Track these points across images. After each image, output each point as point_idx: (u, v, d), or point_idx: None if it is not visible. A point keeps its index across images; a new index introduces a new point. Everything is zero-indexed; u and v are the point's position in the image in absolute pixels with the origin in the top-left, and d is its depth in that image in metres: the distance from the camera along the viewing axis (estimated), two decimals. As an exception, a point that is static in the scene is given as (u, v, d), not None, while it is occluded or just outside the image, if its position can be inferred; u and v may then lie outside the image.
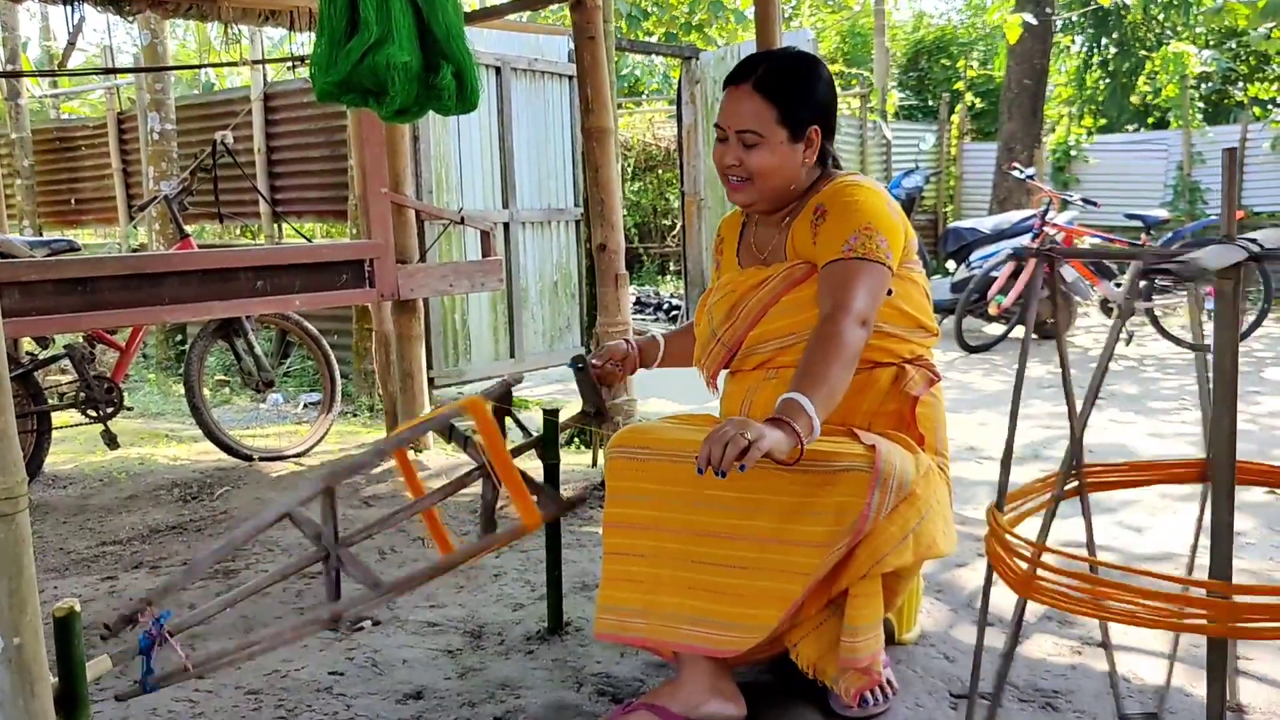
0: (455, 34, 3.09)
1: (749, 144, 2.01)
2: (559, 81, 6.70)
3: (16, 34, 8.81)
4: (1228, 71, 13.46)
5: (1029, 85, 10.88)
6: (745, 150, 2.01)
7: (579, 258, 6.80)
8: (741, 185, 2.05)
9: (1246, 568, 2.83)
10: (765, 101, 1.99)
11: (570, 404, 5.75)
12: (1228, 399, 1.29)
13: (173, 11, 4.30)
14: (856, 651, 1.84)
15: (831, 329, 1.82)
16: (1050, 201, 7.54)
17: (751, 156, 2.01)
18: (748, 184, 2.04)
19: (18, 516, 1.29)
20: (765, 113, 1.99)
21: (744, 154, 2.01)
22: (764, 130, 1.99)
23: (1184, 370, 6.45)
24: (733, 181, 2.06)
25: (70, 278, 3.35)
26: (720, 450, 1.60)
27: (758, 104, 1.99)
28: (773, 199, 2.06)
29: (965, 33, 16.16)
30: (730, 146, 2.03)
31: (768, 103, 1.99)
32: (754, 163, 2.01)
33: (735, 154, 2.02)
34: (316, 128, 6.95)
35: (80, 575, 3.05)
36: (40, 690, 1.33)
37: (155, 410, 6.13)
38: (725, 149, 2.05)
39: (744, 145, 2.01)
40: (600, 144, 3.58)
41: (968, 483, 3.84)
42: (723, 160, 2.05)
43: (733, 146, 2.03)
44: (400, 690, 2.14)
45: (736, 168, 2.03)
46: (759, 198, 2.06)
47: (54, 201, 9.46)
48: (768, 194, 2.05)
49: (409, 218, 4.29)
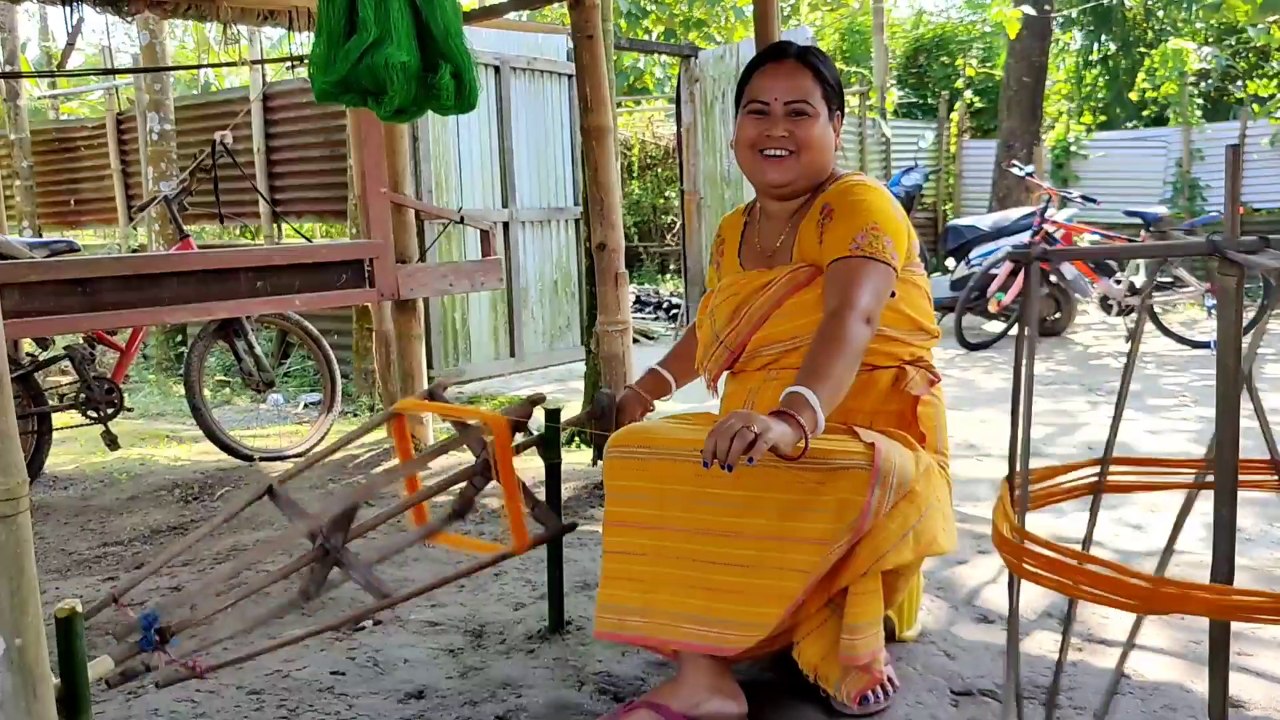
0: (454, 34, 3.09)
1: (799, 113, 2.01)
2: (558, 80, 6.70)
3: (15, 35, 8.80)
4: (1227, 68, 13.44)
5: (1028, 82, 10.87)
6: (794, 121, 2.01)
7: (579, 257, 6.80)
8: (784, 160, 2.03)
9: (1246, 565, 2.83)
10: (812, 75, 2.02)
11: (571, 403, 5.75)
12: (1230, 397, 1.29)
13: (171, 12, 4.30)
14: (856, 649, 1.85)
15: (837, 325, 1.83)
16: (1049, 199, 7.54)
17: (801, 127, 2.01)
18: (792, 158, 2.03)
19: (19, 518, 1.30)
20: (813, 85, 2.02)
21: (794, 125, 2.01)
22: (813, 101, 2.02)
23: (1184, 367, 6.45)
24: (776, 155, 2.03)
25: (70, 279, 3.35)
26: (726, 444, 1.59)
27: (806, 76, 2.02)
28: (810, 177, 2.06)
29: (964, 30, 16.14)
30: (775, 119, 2.02)
31: (814, 77, 2.02)
32: (803, 133, 2.01)
33: (785, 125, 2.01)
34: (316, 127, 6.95)
35: (82, 576, 3.05)
36: (42, 691, 1.33)
37: (156, 411, 6.13)
38: (769, 122, 2.02)
39: (792, 115, 2.01)
40: (599, 143, 3.58)
41: (968, 480, 3.84)
42: (769, 132, 2.02)
43: (780, 120, 2.02)
44: (402, 690, 2.15)
45: (785, 139, 2.02)
46: (800, 174, 2.05)
47: (53, 202, 9.46)
48: (808, 170, 2.05)
49: (408, 217, 4.30)
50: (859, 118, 12.03)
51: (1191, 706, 1.97)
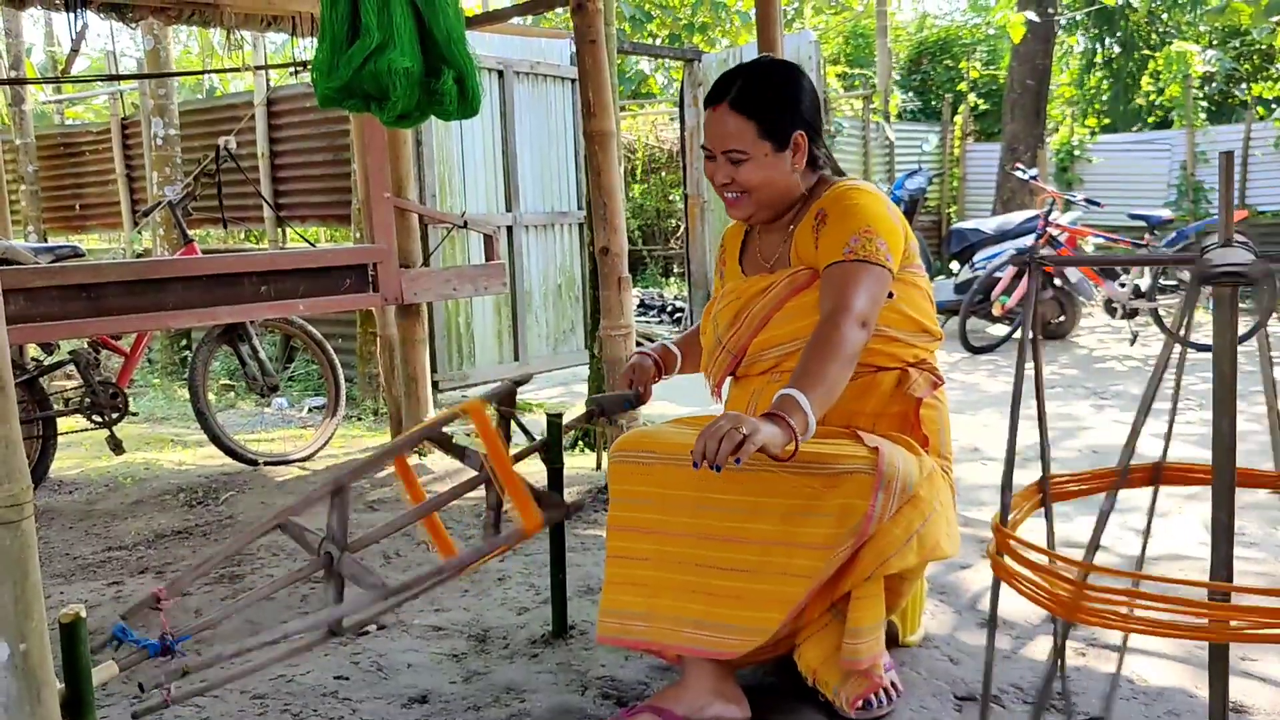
0: (456, 39, 3.10)
1: (735, 160, 2.03)
2: (561, 85, 6.71)
3: (20, 40, 8.83)
4: (1231, 71, 13.43)
5: (1032, 85, 10.87)
6: (734, 167, 2.04)
7: (582, 261, 6.81)
8: (738, 200, 2.08)
9: (1249, 569, 2.82)
10: (744, 119, 2.02)
11: (574, 407, 5.76)
12: (1227, 402, 1.29)
13: (175, 18, 4.31)
14: (858, 653, 1.84)
15: (831, 329, 1.83)
16: (1053, 202, 7.53)
17: (741, 173, 2.04)
18: (744, 198, 2.07)
19: (23, 523, 1.30)
20: (746, 129, 2.02)
21: (734, 171, 2.04)
22: (747, 147, 2.02)
23: (1188, 370, 6.44)
24: (729, 197, 2.09)
25: (75, 283, 3.35)
26: (715, 445, 1.61)
27: (738, 122, 2.02)
28: (771, 208, 2.09)
29: (968, 33, 16.14)
30: (720, 165, 2.06)
31: (746, 119, 2.02)
32: (744, 178, 2.04)
33: (726, 172, 2.06)
34: (319, 132, 6.97)
35: (86, 580, 3.06)
36: (46, 696, 1.34)
37: (160, 415, 6.14)
38: (715, 167, 2.08)
39: (731, 163, 2.04)
40: (602, 147, 3.58)
41: (971, 484, 3.84)
42: (715, 178, 2.09)
43: (722, 165, 2.06)
44: (405, 694, 2.15)
45: (729, 185, 2.06)
46: (757, 209, 2.09)
47: (58, 207, 9.49)
48: (765, 204, 2.08)
49: (412, 222, 4.30)
50: (863, 121, 12.04)
51: (1195, 712, 1.97)
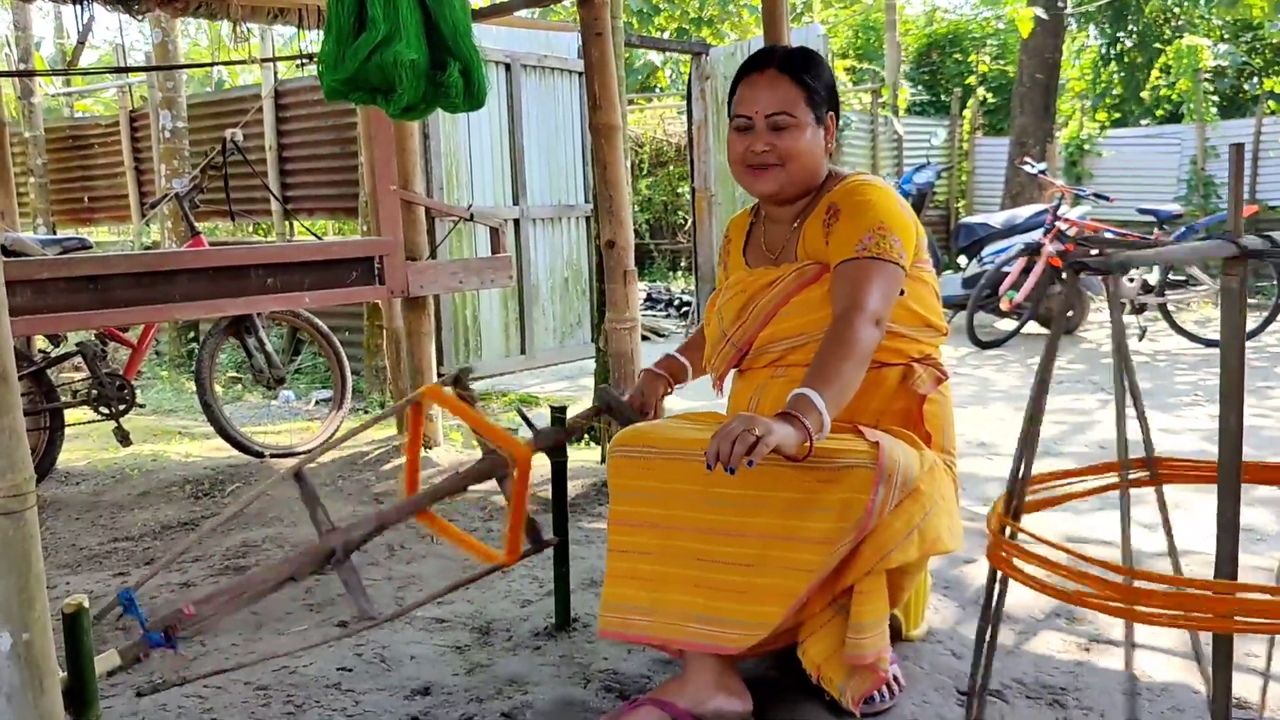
0: (462, 31, 3.10)
1: (780, 126, 2.00)
2: (569, 78, 6.70)
3: (30, 33, 8.85)
4: (1243, 65, 13.35)
5: (1041, 80, 10.81)
6: (775, 134, 2.01)
7: (590, 254, 6.80)
8: (769, 171, 2.03)
9: (1258, 564, 2.81)
10: (793, 84, 2.00)
11: (581, 400, 5.76)
12: (1235, 397, 1.28)
13: (182, 10, 4.32)
14: (862, 648, 1.84)
15: (845, 328, 1.83)
16: (1062, 196, 7.50)
17: (783, 139, 2.01)
18: (777, 169, 2.03)
19: (26, 513, 1.30)
20: (794, 95, 2.00)
21: (775, 138, 2.01)
22: (795, 111, 2.00)
23: (1196, 365, 6.41)
24: (761, 168, 2.04)
25: (82, 275, 3.37)
26: (729, 446, 1.60)
27: (786, 86, 2.00)
28: (800, 184, 2.06)
29: (978, 27, 16.07)
30: (758, 133, 2.02)
31: (795, 85, 2.00)
32: (786, 145, 2.01)
33: (766, 139, 2.01)
34: (327, 125, 6.97)
35: (92, 571, 3.07)
36: (49, 685, 1.34)
37: (167, 407, 6.16)
38: (751, 137, 2.03)
39: (773, 129, 2.01)
40: (609, 141, 3.58)
41: (979, 478, 3.83)
42: (750, 147, 2.03)
43: (761, 133, 2.02)
44: (408, 686, 2.15)
45: (767, 153, 2.02)
46: (788, 182, 2.05)
47: (67, 199, 9.51)
48: (797, 179, 2.04)
49: (419, 215, 4.30)
50: (871, 115, 11.99)
51: (1199, 708, 1.96)
